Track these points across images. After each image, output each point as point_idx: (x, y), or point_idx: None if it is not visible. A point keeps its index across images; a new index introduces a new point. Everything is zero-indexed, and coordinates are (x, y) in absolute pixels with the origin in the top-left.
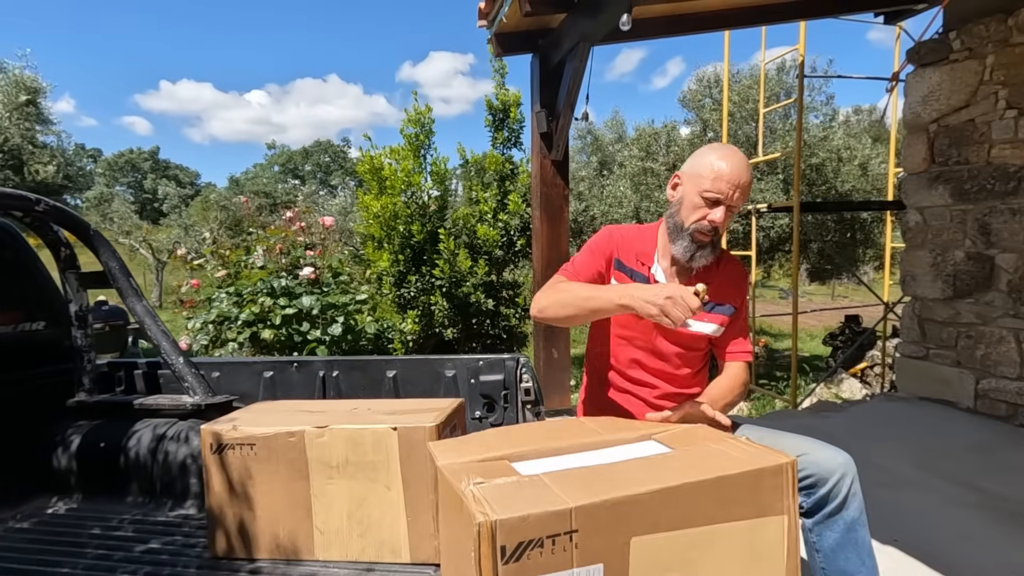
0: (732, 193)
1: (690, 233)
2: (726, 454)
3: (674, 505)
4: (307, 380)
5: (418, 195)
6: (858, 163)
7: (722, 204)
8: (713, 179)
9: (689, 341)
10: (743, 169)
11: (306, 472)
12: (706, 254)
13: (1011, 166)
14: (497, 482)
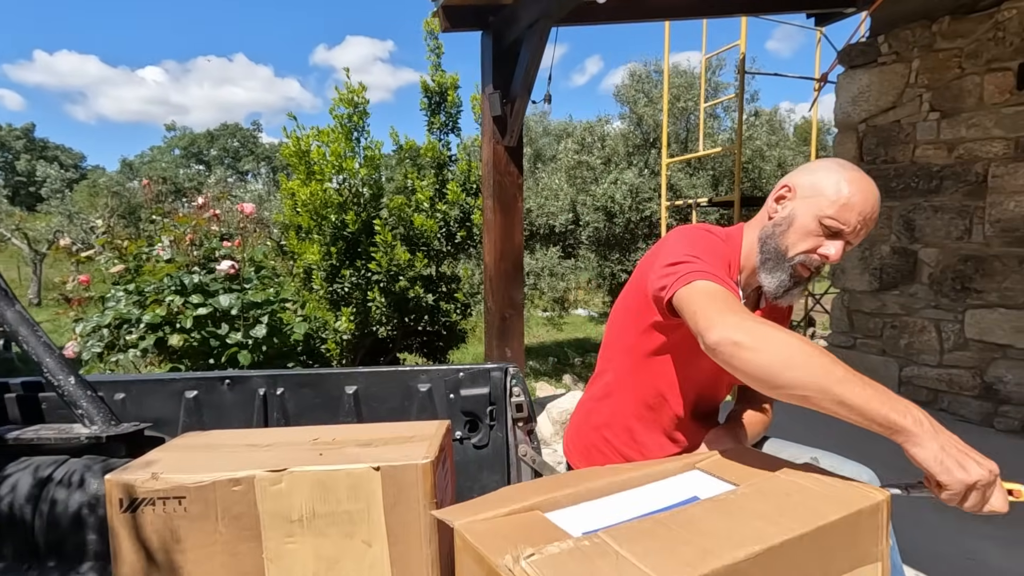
0: (859, 227)
1: (793, 265)
2: (808, 489)
3: (776, 567)
4: (243, 400)
5: (351, 182)
6: (777, 163)
7: (842, 238)
8: (841, 206)
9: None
10: (876, 199)
11: (257, 531)
12: (799, 292)
13: (934, 166)
14: (551, 551)
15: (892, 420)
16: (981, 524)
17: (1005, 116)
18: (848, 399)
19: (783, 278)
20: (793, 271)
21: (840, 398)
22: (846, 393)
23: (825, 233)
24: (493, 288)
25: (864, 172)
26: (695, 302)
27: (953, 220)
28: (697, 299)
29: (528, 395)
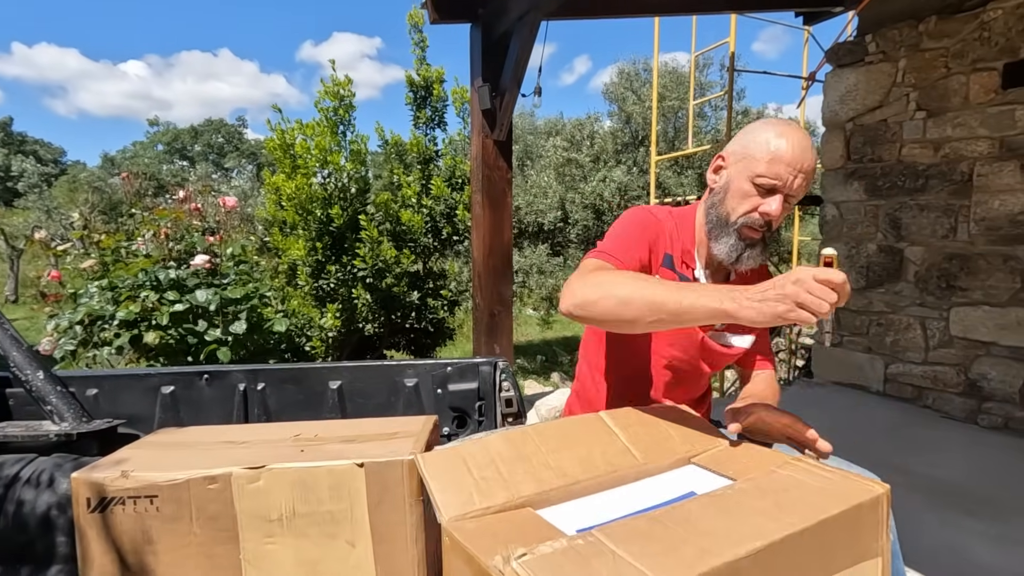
0: (792, 179)
1: (737, 228)
2: (806, 483)
3: (775, 564)
4: (222, 396)
5: (337, 176)
6: None
7: (779, 192)
8: (769, 161)
9: (726, 358)
10: (806, 149)
11: (234, 531)
12: (755, 255)
13: (920, 164)
14: (543, 551)
15: (714, 308)
16: (968, 519)
17: (990, 116)
18: (680, 308)
19: (731, 243)
20: (739, 234)
21: (674, 309)
22: (678, 303)
23: (761, 192)
24: (482, 284)
25: (796, 124)
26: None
27: (939, 219)
28: (568, 281)
29: (518, 389)
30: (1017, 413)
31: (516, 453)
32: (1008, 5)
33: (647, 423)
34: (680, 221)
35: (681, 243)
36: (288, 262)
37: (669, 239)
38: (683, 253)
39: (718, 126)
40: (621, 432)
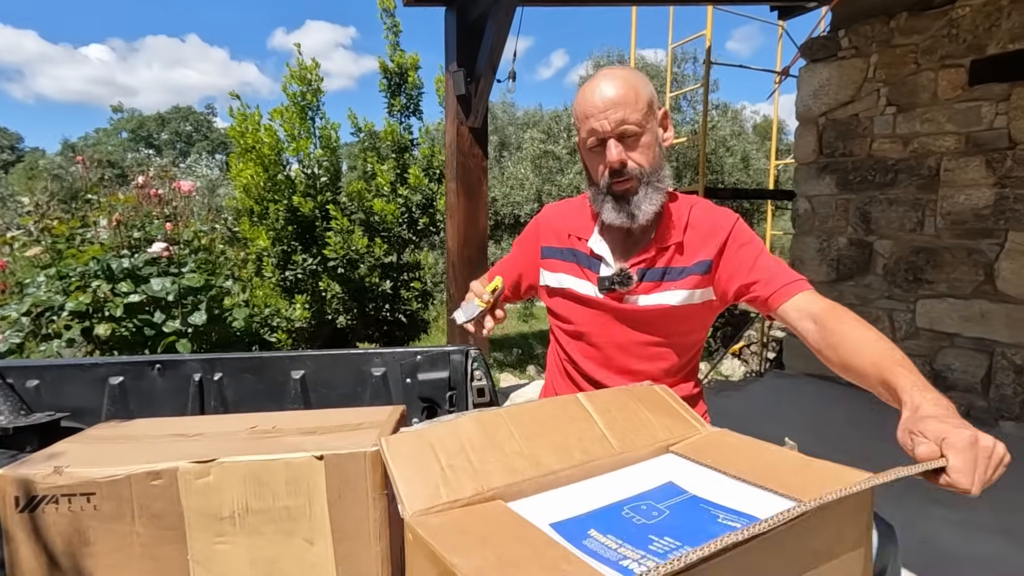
0: (608, 121)
1: (607, 191)
2: (788, 473)
3: (756, 555)
4: (176, 387)
5: (306, 164)
6: (740, 156)
7: (609, 138)
8: (583, 121)
9: (649, 322)
10: (611, 85)
11: (182, 530)
12: (641, 202)
13: (889, 159)
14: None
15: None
16: (934, 507)
17: (957, 112)
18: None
19: (611, 204)
20: (612, 194)
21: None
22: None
23: (596, 146)
24: (456, 275)
25: (609, 67)
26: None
27: (907, 213)
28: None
29: (491, 379)
30: (979, 402)
31: (488, 440)
32: (976, 3)
33: (626, 407)
34: (583, 203)
35: (575, 222)
36: (255, 252)
37: (554, 232)
38: (575, 229)
39: (695, 118)
40: (599, 417)
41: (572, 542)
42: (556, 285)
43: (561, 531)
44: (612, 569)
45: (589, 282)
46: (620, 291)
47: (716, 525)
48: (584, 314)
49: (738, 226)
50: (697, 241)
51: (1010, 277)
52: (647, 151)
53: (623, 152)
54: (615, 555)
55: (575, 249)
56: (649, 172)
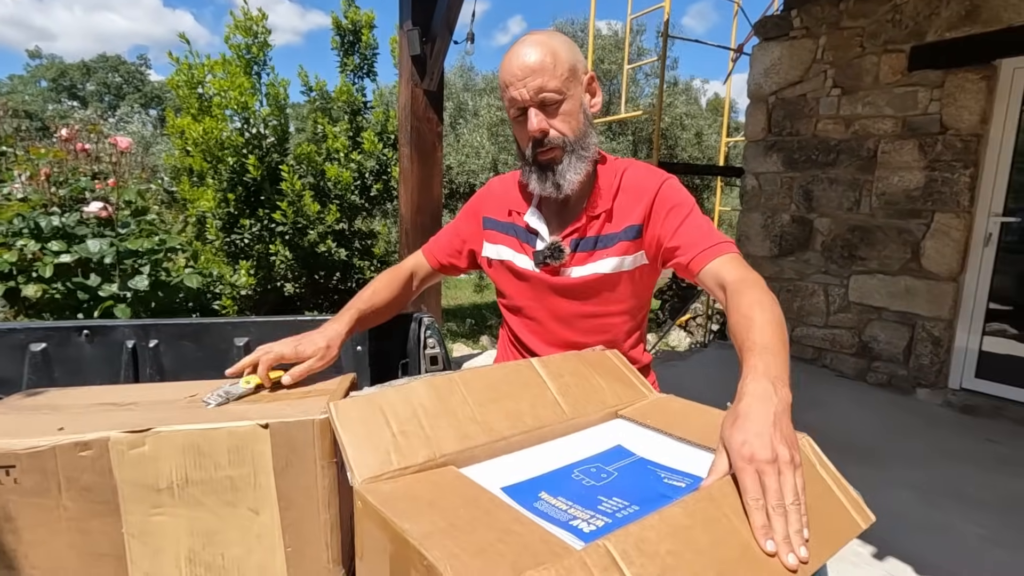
0: (527, 89)
1: (532, 159)
2: None
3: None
4: (107, 355)
5: (252, 121)
6: (694, 132)
7: (530, 106)
8: (505, 87)
9: (584, 292)
10: (530, 51)
11: (115, 503)
12: (565, 171)
13: (832, 140)
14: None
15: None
16: (853, 466)
17: (896, 96)
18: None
19: (537, 175)
20: (535, 162)
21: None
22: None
23: (519, 116)
24: (409, 242)
25: (523, 37)
26: None
27: (845, 192)
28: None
29: (444, 347)
30: (899, 371)
31: (441, 406)
32: None
33: (578, 372)
34: (516, 178)
35: (512, 197)
36: (196, 214)
37: (495, 203)
38: (514, 204)
39: (653, 91)
40: (552, 382)
41: (523, 504)
42: (496, 257)
43: (513, 494)
44: (562, 529)
45: (526, 256)
46: (553, 264)
47: (662, 485)
48: (523, 288)
49: (666, 187)
50: (627, 206)
51: (933, 255)
52: (570, 119)
53: (544, 120)
54: (565, 515)
55: (514, 223)
56: (573, 140)
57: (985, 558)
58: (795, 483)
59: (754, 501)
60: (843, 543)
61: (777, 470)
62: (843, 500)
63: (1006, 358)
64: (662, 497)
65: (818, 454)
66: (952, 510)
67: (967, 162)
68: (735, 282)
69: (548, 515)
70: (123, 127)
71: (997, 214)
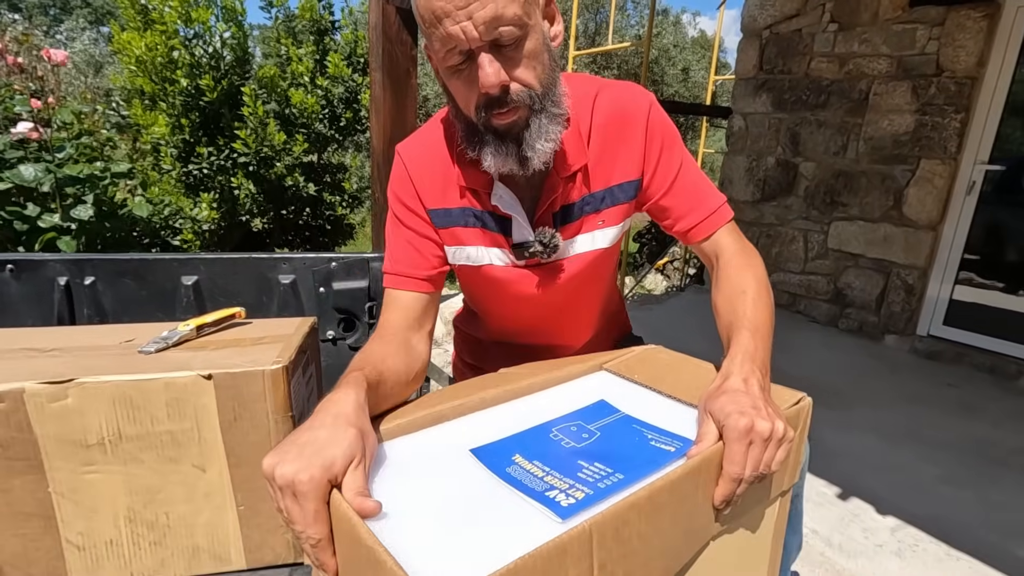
0: (471, 22)
1: (484, 127)
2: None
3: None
4: (36, 293)
5: (206, 38)
6: (681, 67)
7: (478, 50)
8: (434, 22)
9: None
10: None
11: (37, 460)
12: (534, 139)
13: (824, 79)
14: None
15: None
16: (820, 409)
17: (893, 34)
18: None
19: (496, 146)
20: (494, 131)
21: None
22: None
23: (461, 64)
24: (381, 176)
25: None
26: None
27: (833, 136)
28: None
29: None
30: (871, 318)
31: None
32: None
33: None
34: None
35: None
36: (150, 141)
37: (432, 184)
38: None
39: (641, 21)
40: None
41: (494, 470)
42: (466, 262)
43: (482, 457)
44: (537, 502)
45: (500, 250)
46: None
47: (648, 448)
48: (506, 294)
49: (653, 117)
50: (612, 150)
51: (915, 203)
52: (534, 63)
53: (501, 70)
54: (541, 484)
55: (473, 208)
56: (542, 94)
57: (939, 495)
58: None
59: (736, 473)
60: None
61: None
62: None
63: (972, 306)
64: (650, 463)
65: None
66: (911, 451)
67: (959, 106)
68: (731, 255)
69: (521, 483)
70: (69, 45)
71: (983, 162)
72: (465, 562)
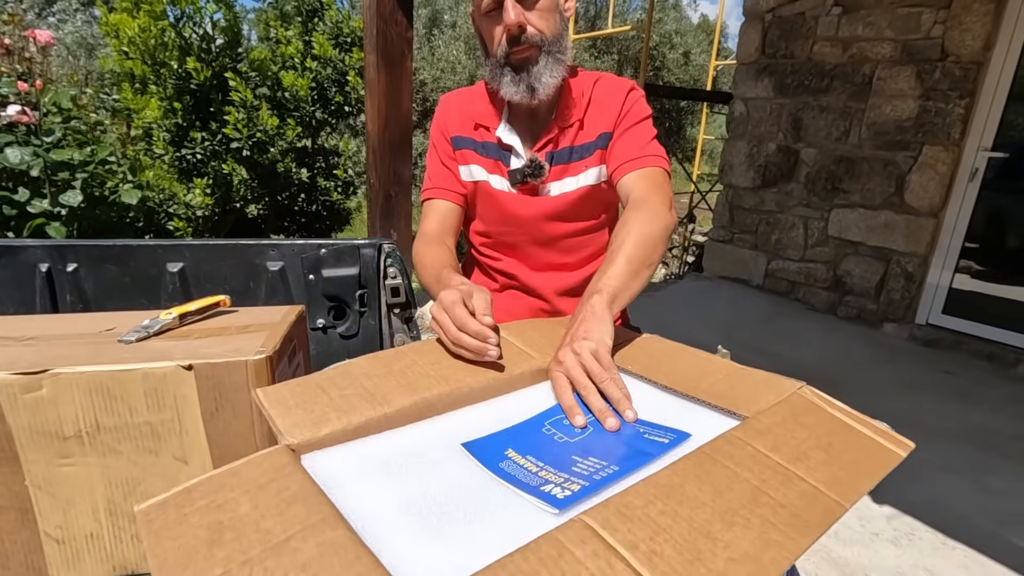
0: None
1: (505, 62)
2: (720, 379)
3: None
4: (16, 280)
5: (197, 20)
6: (682, 52)
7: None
8: None
9: (564, 211)
10: None
11: (11, 451)
12: (541, 73)
13: (827, 63)
14: None
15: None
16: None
17: (898, 17)
18: (430, 289)
19: (511, 76)
20: (511, 65)
21: (431, 290)
22: (429, 287)
23: (493, 10)
24: (377, 160)
25: None
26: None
27: (835, 121)
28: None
29: (407, 277)
30: (869, 305)
31: (386, 369)
32: None
33: (542, 329)
34: (478, 90)
35: (477, 108)
36: (142, 125)
37: (458, 119)
38: (478, 116)
39: (642, 5)
40: (515, 339)
41: (488, 465)
42: (469, 179)
43: (474, 452)
44: (533, 496)
45: (500, 176)
46: (533, 183)
47: (642, 440)
48: (499, 211)
49: (632, 95)
50: (598, 115)
51: (917, 189)
52: (547, 16)
53: (522, 14)
54: (536, 479)
55: (484, 140)
56: (551, 40)
57: (936, 482)
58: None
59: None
60: (882, 473)
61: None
62: (870, 434)
63: (970, 294)
64: (643, 455)
65: (825, 398)
66: (909, 438)
67: (963, 92)
68: (634, 200)
69: (516, 478)
70: (60, 26)
71: (986, 149)
72: (458, 556)
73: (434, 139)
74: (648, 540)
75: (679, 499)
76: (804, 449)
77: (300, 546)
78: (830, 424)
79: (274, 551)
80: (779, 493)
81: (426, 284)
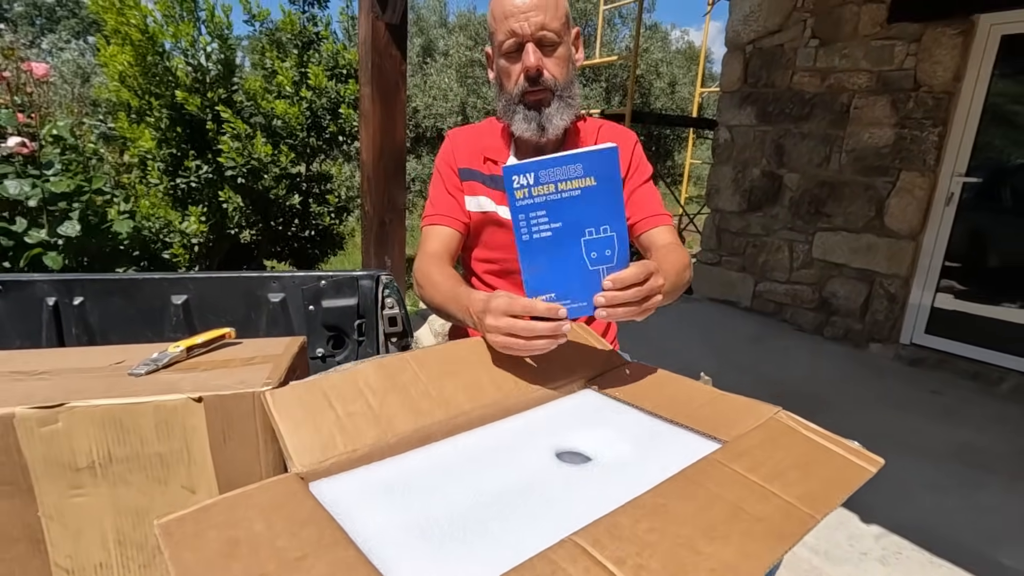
0: (528, 23)
1: (520, 101)
2: (706, 405)
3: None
4: (23, 312)
5: (190, 54)
6: (668, 81)
7: (528, 41)
8: (503, 18)
9: None
10: None
11: (27, 483)
12: (554, 113)
13: (807, 92)
14: None
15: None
16: (801, 414)
17: (873, 49)
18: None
19: (524, 114)
20: (525, 104)
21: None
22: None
23: (514, 51)
24: (371, 188)
25: None
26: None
27: (816, 147)
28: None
29: (404, 307)
30: (855, 326)
31: (390, 383)
32: None
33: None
34: (491, 125)
35: (485, 143)
36: (138, 154)
37: (467, 152)
38: (486, 150)
39: (629, 35)
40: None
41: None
42: (477, 209)
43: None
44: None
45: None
46: None
47: None
48: (505, 240)
49: (639, 147)
50: None
51: (896, 213)
52: (562, 64)
53: (541, 59)
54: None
55: (492, 173)
56: (563, 85)
57: (924, 501)
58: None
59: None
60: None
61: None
62: (841, 452)
63: (953, 314)
64: None
65: (800, 421)
66: (896, 457)
67: (936, 120)
68: (665, 245)
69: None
70: (56, 55)
71: (960, 174)
72: (459, 575)
73: (440, 170)
74: (635, 555)
75: (664, 517)
76: (780, 469)
77: (314, 564)
78: (804, 445)
79: (289, 568)
80: (756, 509)
81: (438, 301)
